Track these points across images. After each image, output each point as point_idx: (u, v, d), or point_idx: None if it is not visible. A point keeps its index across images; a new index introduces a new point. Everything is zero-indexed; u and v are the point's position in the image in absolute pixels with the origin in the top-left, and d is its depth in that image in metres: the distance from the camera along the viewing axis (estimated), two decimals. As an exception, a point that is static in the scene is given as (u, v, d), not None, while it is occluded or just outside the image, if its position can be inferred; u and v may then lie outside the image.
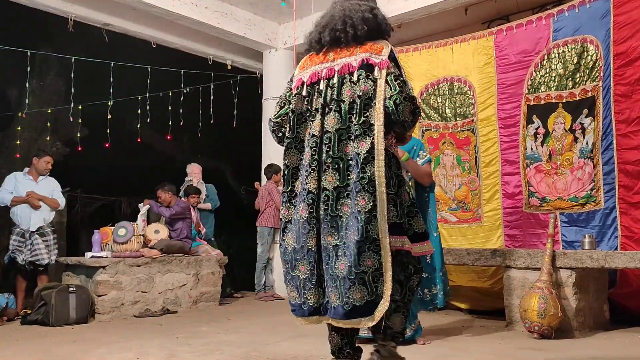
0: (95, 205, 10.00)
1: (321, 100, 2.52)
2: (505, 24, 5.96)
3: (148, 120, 7.71)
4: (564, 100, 5.28)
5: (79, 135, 7.76)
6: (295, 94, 2.60)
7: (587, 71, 5.17)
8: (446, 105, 6.03)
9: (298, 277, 2.52)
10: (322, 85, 2.53)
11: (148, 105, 7.69)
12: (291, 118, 2.58)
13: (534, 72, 5.45)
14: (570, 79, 5.25)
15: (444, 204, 5.92)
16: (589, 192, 5.11)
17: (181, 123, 7.97)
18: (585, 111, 5.14)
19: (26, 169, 6.12)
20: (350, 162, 2.45)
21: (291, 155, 2.57)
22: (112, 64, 7.27)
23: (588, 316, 4.61)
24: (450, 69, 6.00)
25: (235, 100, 8.32)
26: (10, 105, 8.52)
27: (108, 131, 7.34)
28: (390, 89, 2.45)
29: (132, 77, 7.58)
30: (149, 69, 7.58)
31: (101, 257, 5.76)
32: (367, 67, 2.48)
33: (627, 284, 5.04)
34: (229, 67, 8.20)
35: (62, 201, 6.23)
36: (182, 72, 7.94)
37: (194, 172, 7.88)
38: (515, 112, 5.55)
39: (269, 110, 7.81)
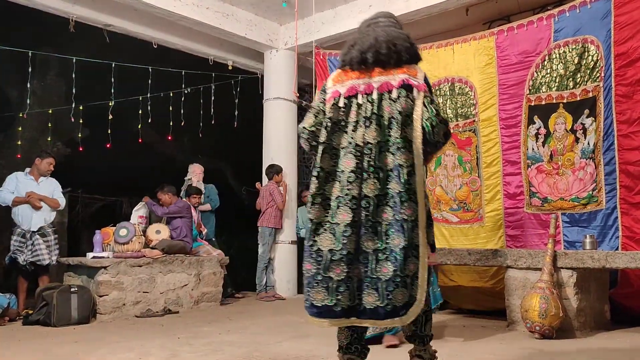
0: (96, 205, 9.98)
1: (362, 112, 2.70)
2: (506, 24, 5.96)
3: (149, 120, 7.72)
4: (565, 101, 5.29)
5: (80, 135, 7.75)
6: (332, 104, 2.74)
7: (588, 71, 5.17)
8: (447, 105, 6.03)
9: (331, 279, 2.56)
10: (360, 99, 2.71)
11: (149, 105, 7.69)
12: (328, 126, 2.72)
13: (535, 73, 5.45)
14: (571, 79, 5.25)
15: (445, 204, 5.93)
16: (590, 192, 5.12)
17: (182, 123, 7.97)
18: (587, 111, 5.15)
19: (27, 169, 6.13)
20: (390, 172, 2.61)
21: (325, 160, 2.69)
22: (113, 65, 7.27)
23: (589, 316, 4.61)
24: (451, 70, 6.01)
25: (236, 101, 8.33)
26: (11, 106, 8.51)
27: (109, 131, 7.34)
28: (427, 111, 2.67)
29: (133, 78, 7.57)
30: (150, 70, 7.59)
31: (102, 257, 5.77)
32: (407, 88, 2.68)
33: (628, 284, 5.04)
34: (230, 68, 8.21)
35: (62, 201, 6.24)
36: (183, 73, 7.95)
37: (195, 173, 7.89)
38: (517, 112, 5.55)
39: (270, 110, 7.87)
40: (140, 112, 7.74)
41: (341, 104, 2.73)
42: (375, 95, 2.69)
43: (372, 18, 2.97)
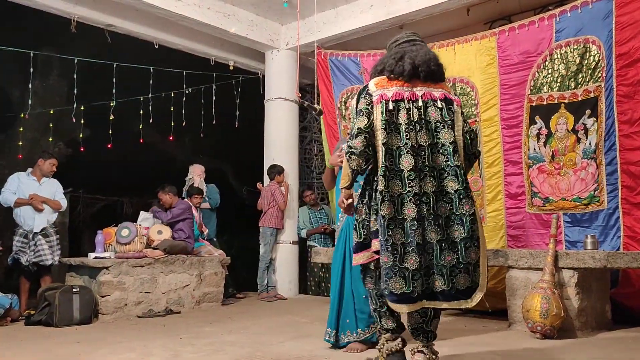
0: (98, 205, 10.01)
1: (410, 116, 2.99)
2: (507, 24, 5.96)
3: (150, 120, 7.72)
4: (566, 101, 5.29)
5: (81, 135, 7.76)
6: (383, 107, 2.98)
7: (590, 72, 5.17)
8: (448, 105, 6.03)
9: (407, 269, 2.87)
10: (407, 104, 2.99)
11: (150, 106, 7.69)
12: (384, 127, 2.96)
13: (536, 73, 5.46)
14: (572, 79, 5.26)
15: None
16: (592, 192, 5.12)
17: (183, 124, 7.98)
18: (588, 112, 5.15)
19: (29, 170, 6.13)
20: (442, 171, 2.96)
21: (388, 159, 2.94)
22: (114, 65, 7.28)
23: (590, 316, 4.61)
24: (453, 70, 6.01)
25: (238, 101, 8.33)
26: (12, 106, 8.53)
27: (110, 132, 7.35)
28: (466, 125, 3.10)
29: (134, 78, 7.58)
30: (151, 70, 7.59)
31: (104, 257, 5.78)
32: (447, 101, 3.05)
33: (629, 284, 5.05)
34: (231, 68, 8.21)
35: (64, 203, 6.24)
36: (184, 73, 7.95)
37: (195, 173, 7.90)
38: (518, 112, 5.56)
39: (272, 110, 7.87)
40: (141, 112, 7.74)
41: (390, 107, 2.98)
42: (420, 102, 2.99)
43: (409, 36, 3.22)
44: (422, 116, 2.99)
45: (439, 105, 3.01)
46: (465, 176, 2.97)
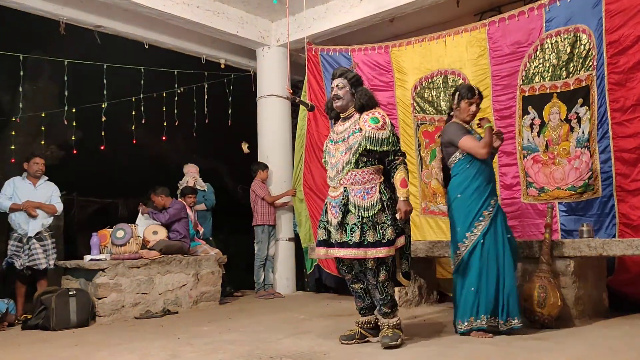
0: (92, 208, 9.96)
1: None
2: (497, 15, 5.96)
3: (142, 121, 7.69)
4: (558, 90, 5.30)
5: (73, 138, 7.73)
6: None
7: (581, 60, 5.18)
8: (441, 98, 6.04)
9: None
10: None
11: (142, 106, 7.66)
12: None
13: (527, 63, 5.46)
14: (564, 68, 5.26)
15: (442, 197, 5.92)
16: (586, 180, 5.13)
17: (176, 123, 7.95)
18: (580, 100, 5.16)
19: (25, 174, 6.11)
20: None
21: None
22: (104, 66, 7.24)
23: (587, 304, 4.63)
24: (444, 62, 6.01)
25: (230, 99, 8.31)
26: (3, 110, 8.49)
27: (103, 133, 7.32)
28: None
29: (125, 79, 7.55)
30: (142, 70, 7.56)
31: (100, 259, 5.75)
32: None
33: (625, 271, 5.06)
34: (223, 66, 8.18)
35: (59, 206, 6.19)
36: (175, 72, 7.92)
37: (190, 172, 7.88)
38: (511, 103, 5.56)
39: (264, 108, 7.85)
40: (133, 113, 7.71)
41: None
42: None
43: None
44: None
45: None
46: None
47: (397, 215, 3.75)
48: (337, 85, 3.96)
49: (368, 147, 3.77)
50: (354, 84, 3.95)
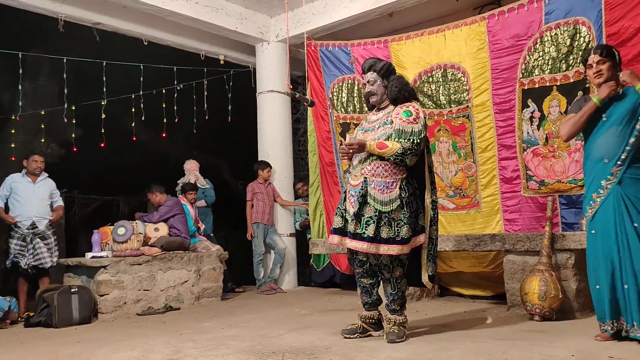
0: (93, 205, 9.98)
1: None
2: (496, 8, 5.94)
3: (142, 118, 7.69)
4: (558, 83, 5.28)
5: (73, 135, 7.74)
6: None
7: (580, 53, 5.16)
8: (440, 92, 6.02)
9: None
10: None
11: (142, 103, 7.67)
12: None
13: (527, 56, 5.44)
14: (563, 61, 5.24)
15: (441, 191, 5.93)
16: (586, 173, 5.12)
17: (176, 120, 7.95)
18: (580, 93, 5.13)
19: (24, 170, 6.13)
20: None
21: None
22: (104, 63, 7.24)
23: (588, 297, 4.61)
24: (444, 56, 5.99)
25: (229, 95, 8.31)
26: (3, 109, 8.49)
27: (103, 131, 7.33)
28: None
29: (124, 76, 7.54)
30: (142, 67, 7.55)
31: (102, 257, 5.77)
32: None
33: (626, 264, 5.05)
34: (222, 62, 8.17)
35: (60, 201, 6.26)
36: (174, 69, 7.92)
37: (190, 169, 7.89)
38: (510, 96, 5.54)
39: (264, 103, 7.85)
40: (133, 110, 7.71)
41: None
42: None
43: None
44: None
45: None
46: None
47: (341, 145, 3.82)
48: (368, 81, 3.93)
49: (397, 140, 3.71)
50: (385, 75, 3.93)
